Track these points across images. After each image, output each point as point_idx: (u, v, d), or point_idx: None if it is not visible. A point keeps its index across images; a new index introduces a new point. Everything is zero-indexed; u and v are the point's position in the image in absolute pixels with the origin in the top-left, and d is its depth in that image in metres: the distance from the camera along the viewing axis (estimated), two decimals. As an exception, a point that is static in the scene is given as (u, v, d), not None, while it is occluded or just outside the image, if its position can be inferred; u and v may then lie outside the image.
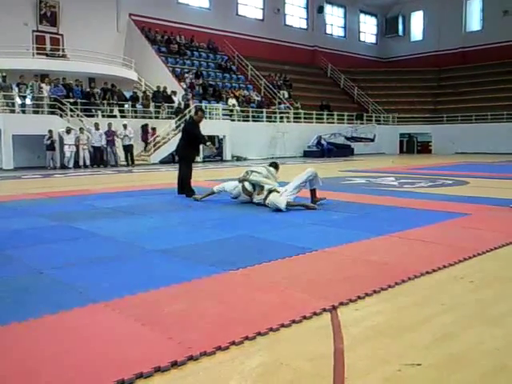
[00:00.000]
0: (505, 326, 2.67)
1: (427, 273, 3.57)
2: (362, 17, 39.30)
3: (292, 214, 6.39)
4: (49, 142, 16.91)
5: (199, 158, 20.78)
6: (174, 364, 2.19)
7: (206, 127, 21.18)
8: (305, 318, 2.70)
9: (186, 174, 8.50)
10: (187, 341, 2.41)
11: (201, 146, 8.80)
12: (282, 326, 2.60)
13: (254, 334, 2.49)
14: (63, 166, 17.17)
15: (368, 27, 40.01)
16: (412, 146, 31.34)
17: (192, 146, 8.69)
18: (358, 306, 2.92)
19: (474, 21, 35.75)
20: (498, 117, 27.47)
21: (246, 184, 7.20)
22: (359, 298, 3.03)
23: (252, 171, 7.27)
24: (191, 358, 2.25)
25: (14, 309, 2.90)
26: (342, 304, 2.92)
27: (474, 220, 5.84)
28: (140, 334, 2.55)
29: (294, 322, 2.65)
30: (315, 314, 2.76)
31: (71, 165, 17.30)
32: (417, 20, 38.59)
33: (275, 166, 7.73)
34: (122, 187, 10.35)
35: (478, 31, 35.02)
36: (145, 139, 20.19)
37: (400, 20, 38.82)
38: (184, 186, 8.45)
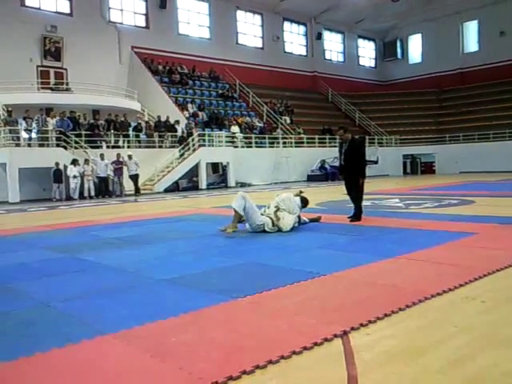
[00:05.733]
0: (520, 346, 2.61)
1: (438, 294, 3.52)
2: (361, 42, 39.86)
3: (298, 239, 6.37)
4: (55, 174, 17.05)
5: (204, 185, 20.92)
6: (185, 395, 2.16)
7: (210, 154, 21.66)
8: (316, 344, 2.66)
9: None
10: (197, 371, 2.38)
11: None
12: (294, 353, 2.55)
13: (265, 362, 2.45)
14: (69, 198, 17.27)
15: (367, 51, 40.54)
16: (415, 166, 31.36)
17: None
18: (370, 331, 2.88)
19: (471, 42, 36.19)
20: (499, 135, 27.53)
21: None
22: (370, 322, 2.99)
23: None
24: (202, 389, 2.21)
25: (22, 343, 2.87)
26: (353, 329, 2.87)
27: (482, 239, 5.80)
28: (149, 365, 2.51)
29: (305, 348, 2.61)
30: (326, 340, 2.72)
31: (76, 196, 17.40)
32: (415, 43, 39.08)
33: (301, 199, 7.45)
34: (127, 217, 10.36)
35: (476, 52, 35.44)
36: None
37: (398, 44, 39.35)
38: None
